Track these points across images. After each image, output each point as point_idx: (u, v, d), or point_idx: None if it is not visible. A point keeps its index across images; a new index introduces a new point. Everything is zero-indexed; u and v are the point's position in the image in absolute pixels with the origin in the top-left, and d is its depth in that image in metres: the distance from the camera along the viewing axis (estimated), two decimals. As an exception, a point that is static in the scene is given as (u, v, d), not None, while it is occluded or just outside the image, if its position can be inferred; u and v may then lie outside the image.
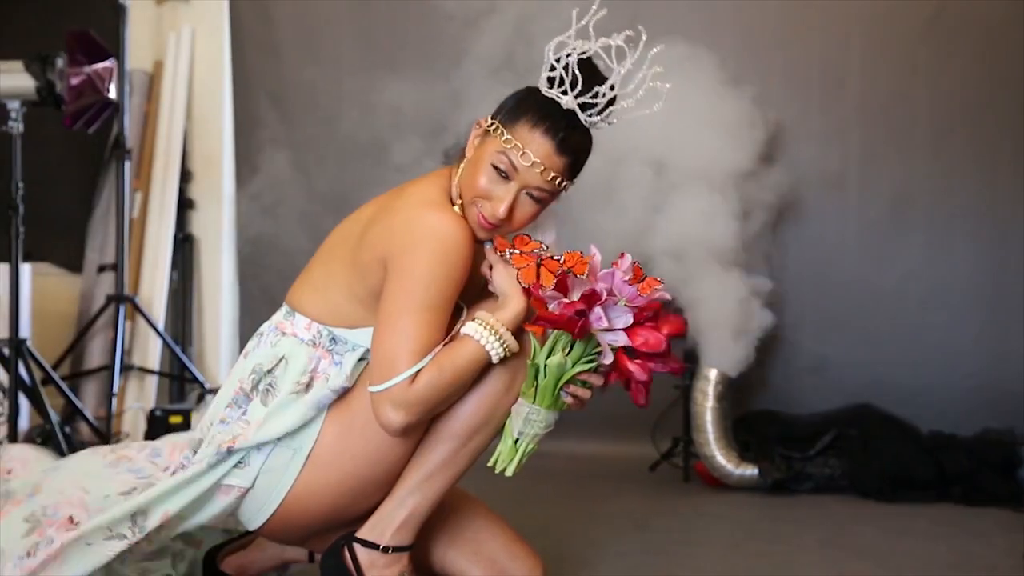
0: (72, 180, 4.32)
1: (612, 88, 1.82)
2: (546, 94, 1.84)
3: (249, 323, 4.33)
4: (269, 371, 1.91)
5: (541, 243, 1.88)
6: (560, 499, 3.14)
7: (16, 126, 3.29)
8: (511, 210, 1.84)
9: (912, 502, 3.25)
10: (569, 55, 1.82)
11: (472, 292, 1.96)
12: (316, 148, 4.29)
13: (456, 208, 1.88)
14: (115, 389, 3.76)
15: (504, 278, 1.86)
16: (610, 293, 1.74)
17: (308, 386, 1.89)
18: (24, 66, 3.27)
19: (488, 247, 1.90)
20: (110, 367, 3.79)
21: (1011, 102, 3.77)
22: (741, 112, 3.53)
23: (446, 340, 1.82)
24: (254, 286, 4.37)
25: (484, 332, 1.81)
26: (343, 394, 1.89)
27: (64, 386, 3.53)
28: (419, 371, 1.78)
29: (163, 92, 4.32)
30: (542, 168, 1.81)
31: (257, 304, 4.33)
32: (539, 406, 1.83)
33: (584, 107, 1.83)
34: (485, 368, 1.86)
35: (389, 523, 1.91)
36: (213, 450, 1.87)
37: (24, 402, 3.32)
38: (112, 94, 3.44)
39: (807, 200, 3.89)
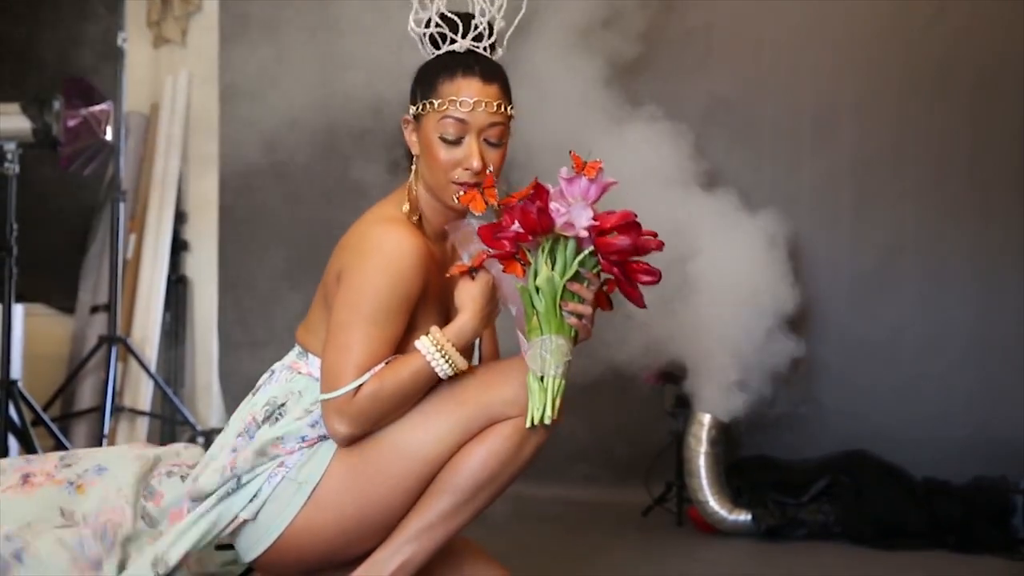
0: (67, 221, 4.32)
1: (483, 13, 1.92)
2: (440, 53, 1.92)
3: (230, 364, 4.32)
4: (282, 404, 1.93)
5: (488, 251, 1.87)
6: (553, 544, 3.12)
7: (12, 167, 3.30)
8: (483, 159, 1.88)
9: (906, 550, 3.23)
10: (429, 18, 1.92)
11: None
12: (303, 189, 4.30)
13: (405, 209, 1.91)
14: (106, 431, 3.74)
15: (462, 293, 1.89)
16: (560, 196, 1.78)
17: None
18: (21, 108, 3.30)
19: (454, 272, 1.92)
20: (101, 408, 3.78)
21: (1005, 152, 3.79)
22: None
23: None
24: (235, 327, 4.36)
25: (429, 346, 1.83)
26: None
27: (54, 427, 3.51)
28: (362, 384, 1.81)
29: (159, 134, 4.33)
30: (483, 103, 1.87)
31: (239, 345, 4.32)
32: (548, 334, 1.81)
33: (476, 40, 1.92)
34: (493, 420, 1.86)
35: (381, 570, 1.89)
36: (217, 477, 1.89)
37: (14, 443, 3.30)
38: (108, 136, 3.46)
39: (800, 249, 3.90)
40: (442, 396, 1.88)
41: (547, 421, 1.80)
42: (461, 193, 1.89)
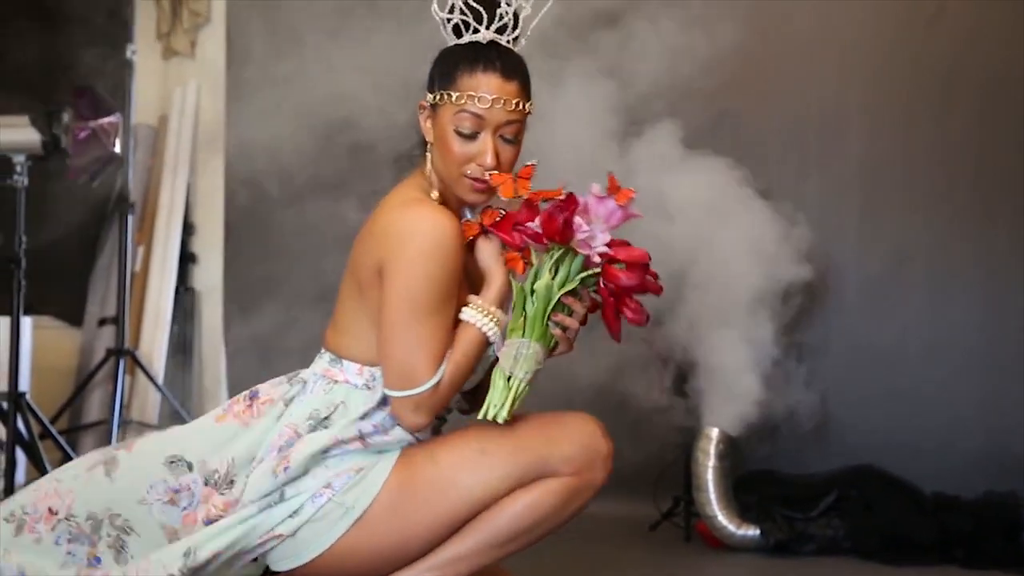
0: (75, 233, 4.33)
1: (509, 2, 1.89)
2: (462, 43, 1.90)
3: (238, 376, 4.32)
4: (326, 417, 1.90)
5: (500, 211, 1.90)
6: (561, 557, 3.11)
7: (21, 179, 3.31)
8: (497, 156, 1.88)
9: (915, 564, 3.22)
10: (453, 3, 1.89)
11: (480, 281, 1.98)
12: (311, 200, 4.30)
13: (434, 196, 1.91)
14: (113, 443, 3.74)
15: (484, 253, 1.91)
16: (585, 211, 1.80)
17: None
18: (30, 120, 3.30)
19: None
20: (108, 421, 3.77)
21: (1011, 160, 3.78)
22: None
23: None
24: (243, 339, 4.36)
25: (477, 315, 1.87)
26: (406, 459, 1.89)
27: (62, 440, 3.51)
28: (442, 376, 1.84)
29: (167, 146, 4.34)
30: (502, 101, 1.86)
31: (247, 357, 4.31)
32: (528, 339, 1.83)
33: (500, 32, 1.90)
34: (543, 475, 1.88)
35: None
36: (268, 483, 1.85)
37: (21, 456, 3.30)
38: (117, 148, 3.46)
39: (807, 257, 3.89)
40: (502, 441, 1.88)
41: (500, 420, 1.84)
42: (479, 183, 1.88)
